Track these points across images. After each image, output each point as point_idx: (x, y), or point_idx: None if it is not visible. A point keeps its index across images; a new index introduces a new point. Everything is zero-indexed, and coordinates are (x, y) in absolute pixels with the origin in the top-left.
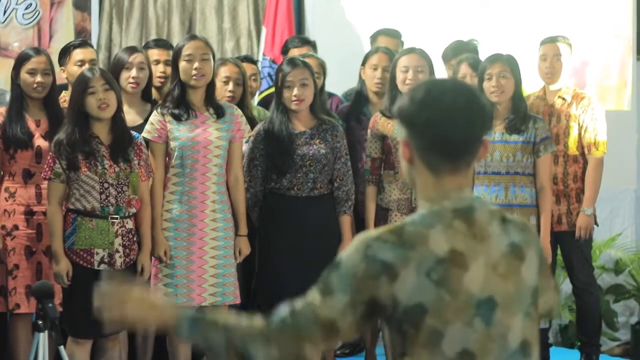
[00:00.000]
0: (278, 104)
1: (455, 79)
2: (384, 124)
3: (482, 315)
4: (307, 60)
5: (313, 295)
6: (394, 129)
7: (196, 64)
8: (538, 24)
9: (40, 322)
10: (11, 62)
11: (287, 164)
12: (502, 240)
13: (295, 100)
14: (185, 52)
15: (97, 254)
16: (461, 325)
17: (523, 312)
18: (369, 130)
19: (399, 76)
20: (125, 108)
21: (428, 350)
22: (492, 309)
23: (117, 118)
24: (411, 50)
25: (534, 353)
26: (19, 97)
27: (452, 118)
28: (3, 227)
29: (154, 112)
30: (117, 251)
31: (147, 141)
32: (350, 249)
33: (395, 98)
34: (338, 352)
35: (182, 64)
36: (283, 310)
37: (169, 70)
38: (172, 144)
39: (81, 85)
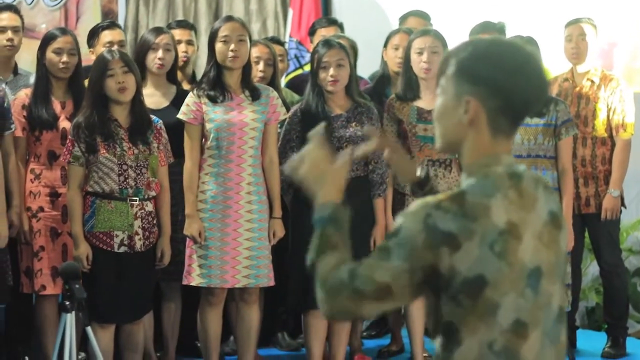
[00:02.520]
0: (314, 86)
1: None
2: (399, 108)
3: (532, 285)
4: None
5: (372, 258)
6: (409, 113)
7: (232, 46)
8: (565, 7)
9: (67, 303)
10: (38, 44)
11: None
12: (544, 209)
13: (331, 81)
14: (222, 33)
15: (117, 236)
16: (515, 295)
17: (560, 279)
18: (384, 114)
19: (414, 58)
20: (151, 90)
21: (484, 321)
22: (539, 278)
23: (136, 101)
24: (425, 32)
25: (565, 318)
26: (45, 77)
27: (539, 86)
28: (28, 208)
29: (190, 94)
30: (137, 233)
31: (178, 123)
32: (409, 215)
33: (410, 80)
34: (364, 334)
35: (218, 46)
36: (343, 270)
37: (191, 49)
38: (208, 125)
39: (100, 68)
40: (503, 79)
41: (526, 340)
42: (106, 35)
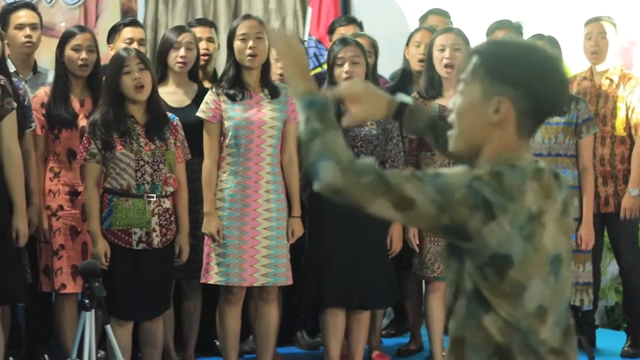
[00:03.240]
0: (330, 83)
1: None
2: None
3: (554, 272)
4: (358, 39)
5: (406, 175)
6: (432, 109)
7: (250, 43)
8: (585, 5)
9: (86, 301)
10: (57, 42)
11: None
12: (559, 199)
13: (345, 79)
14: (240, 31)
15: (135, 233)
16: (540, 281)
17: (571, 266)
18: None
19: (436, 55)
20: (173, 88)
21: (510, 301)
22: (560, 265)
23: (153, 99)
24: (447, 29)
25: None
26: (64, 75)
27: (564, 90)
28: (48, 207)
29: (209, 92)
30: (154, 230)
31: (199, 121)
32: (452, 171)
33: (432, 78)
34: (384, 332)
35: (237, 44)
36: (370, 160)
37: (211, 47)
38: (227, 123)
39: (116, 65)
40: (537, 83)
41: (544, 326)
42: (127, 32)
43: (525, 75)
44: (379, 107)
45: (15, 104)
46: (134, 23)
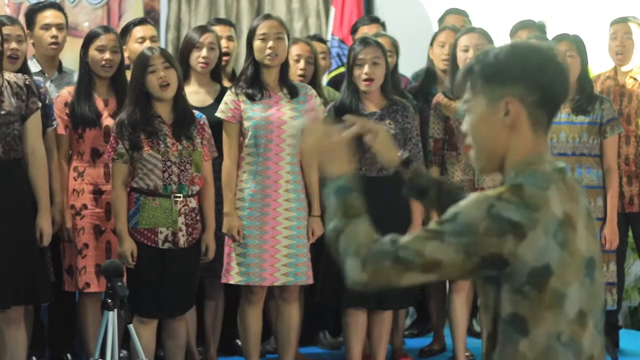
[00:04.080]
0: (349, 83)
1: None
2: (446, 105)
3: (589, 274)
4: (379, 39)
5: (420, 235)
6: (457, 110)
7: (270, 43)
8: (608, 5)
9: (109, 301)
10: (80, 42)
11: (357, 144)
12: (582, 200)
13: (365, 80)
14: (260, 31)
15: (161, 232)
16: (578, 285)
17: (602, 268)
18: (431, 111)
19: (460, 56)
20: (195, 88)
21: (552, 312)
22: (594, 268)
23: (179, 97)
24: (471, 30)
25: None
26: (87, 75)
27: (567, 78)
28: (72, 206)
29: (228, 92)
30: (180, 230)
31: (221, 121)
32: (468, 204)
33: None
34: (406, 332)
35: (257, 43)
36: (384, 239)
37: (231, 46)
38: (246, 123)
39: (141, 64)
40: (534, 73)
41: (585, 330)
42: (138, 31)
43: (521, 69)
44: (391, 156)
45: (40, 104)
46: (144, 21)
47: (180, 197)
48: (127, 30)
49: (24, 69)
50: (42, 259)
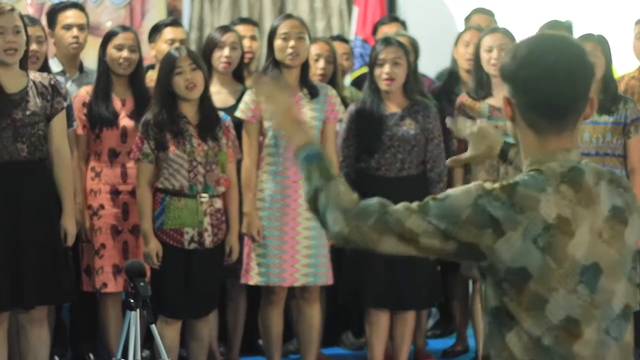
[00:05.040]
0: (371, 83)
1: (564, 35)
2: (471, 106)
3: (587, 282)
4: (398, 39)
5: (409, 205)
6: (481, 110)
7: (291, 43)
8: (633, 4)
9: (131, 301)
10: None
11: (376, 144)
12: (606, 204)
13: (386, 80)
14: (281, 30)
15: (187, 233)
16: (565, 292)
17: (626, 277)
18: (455, 111)
19: (484, 56)
20: (218, 88)
21: (530, 315)
22: (596, 275)
23: (205, 98)
24: (494, 30)
25: (632, 317)
26: (105, 74)
27: (555, 77)
28: (89, 206)
29: (248, 92)
30: (206, 230)
31: (241, 121)
32: (461, 189)
33: (481, 79)
34: (429, 333)
35: (278, 43)
36: (374, 201)
37: (254, 45)
38: (266, 123)
39: (168, 65)
40: (521, 71)
41: (579, 338)
42: (168, 33)
43: (512, 67)
44: (494, 147)
45: (65, 104)
46: (176, 23)
47: (206, 197)
48: (157, 29)
49: (44, 69)
50: (66, 258)
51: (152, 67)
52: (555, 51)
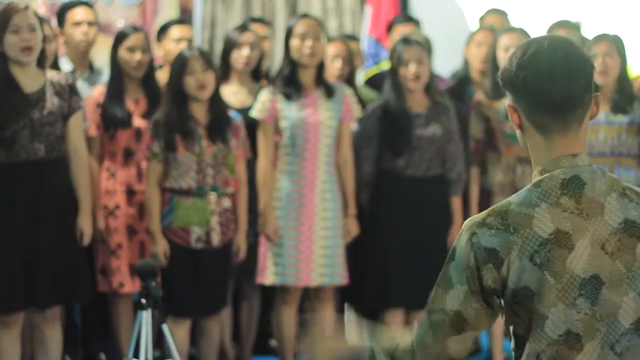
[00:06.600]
0: (394, 84)
1: (554, 34)
2: (488, 105)
3: (586, 294)
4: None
5: (437, 291)
6: (498, 110)
7: (309, 42)
8: None
9: (143, 301)
10: None
11: (404, 144)
12: (616, 216)
13: (412, 78)
14: (298, 30)
15: (194, 232)
16: (563, 306)
17: (637, 291)
18: (472, 111)
19: (501, 56)
20: (236, 88)
21: (532, 332)
22: (597, 287)
23: (216, 98)
24: (511, 29)
25: None
26: (118, 76)
27: (551, 75)
28: (105, 207)
29: (264, 91)
30: (214, 229)
31: (257, 120)
32: (460, 237)
33: (497, 79)
34: None
35: (294, 42)
36: (413, 327)
37: (266, 45)
38: (282, 123)
39: (180, 65)
40: (520, 75)
41: (580, 352)
42: (175, 31)
43: (509, 71)
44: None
45: (82, 103)
46: (184, 22)
47: (213, 196)
48: (165, 27)
49: (53, 68)
50: (82, 258)
51: (160, 66)
52: (548, 49)
